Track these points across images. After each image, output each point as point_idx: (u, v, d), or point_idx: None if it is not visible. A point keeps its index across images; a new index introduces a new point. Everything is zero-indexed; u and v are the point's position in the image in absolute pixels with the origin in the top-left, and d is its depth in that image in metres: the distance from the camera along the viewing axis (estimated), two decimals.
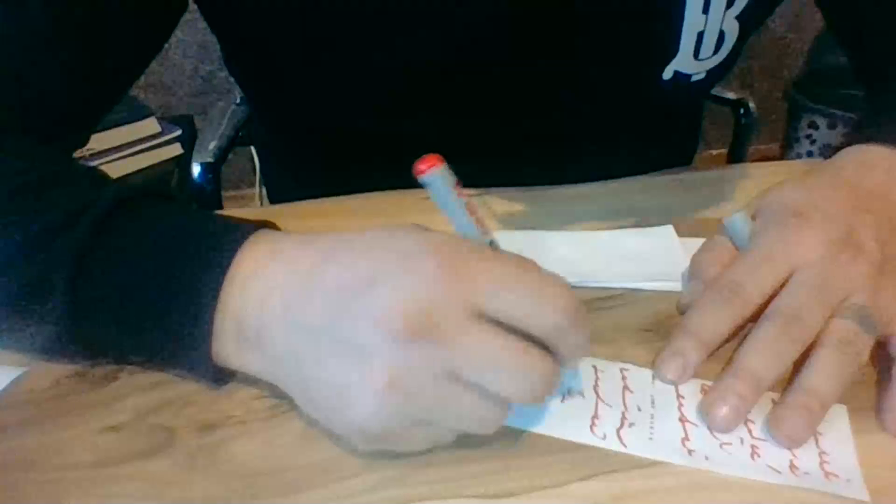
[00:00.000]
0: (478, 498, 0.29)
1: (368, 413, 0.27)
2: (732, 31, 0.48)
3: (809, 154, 1.85)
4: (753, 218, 0.40)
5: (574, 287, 0.42)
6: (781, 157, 2.00)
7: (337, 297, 0.28)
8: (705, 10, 0.46)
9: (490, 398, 0.28)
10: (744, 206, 0.42)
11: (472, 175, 0.53)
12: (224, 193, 0.89)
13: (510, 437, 0.32)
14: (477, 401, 0.28)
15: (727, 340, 0.36)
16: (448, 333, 0.27)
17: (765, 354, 0.33)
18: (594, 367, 0.36)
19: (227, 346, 0.31)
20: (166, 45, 0.50)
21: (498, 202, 0.52)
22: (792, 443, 0.31)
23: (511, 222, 0.49)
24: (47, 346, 0.34)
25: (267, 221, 0.35)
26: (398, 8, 0.45)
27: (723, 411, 0.32)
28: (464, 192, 0.30)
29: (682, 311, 0.39)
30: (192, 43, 1.65)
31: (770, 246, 0.37)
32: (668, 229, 0.47)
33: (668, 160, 0.58)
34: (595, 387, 0.34)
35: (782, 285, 0.36)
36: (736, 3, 0.46)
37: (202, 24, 0.51)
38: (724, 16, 0.47)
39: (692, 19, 0.47)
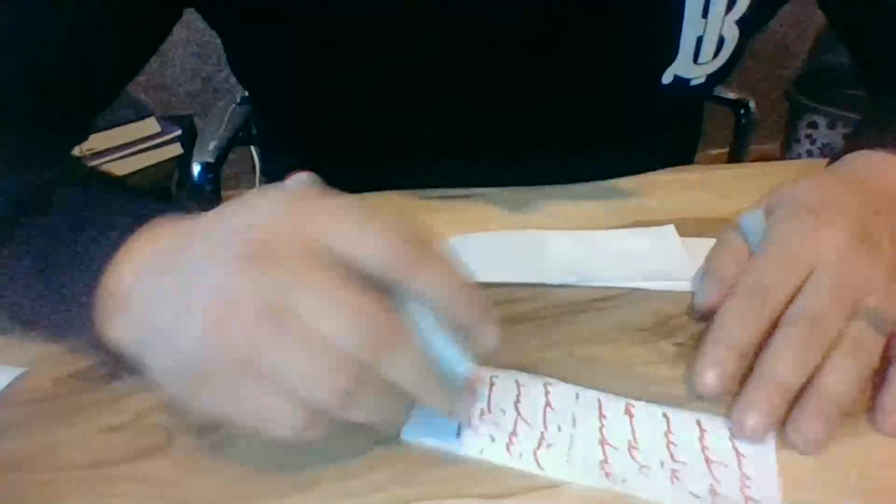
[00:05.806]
0: (478, 498, 0.29)
1: (190, 341, 0.26)
2: (732, 35, 0.48)
3: (809, 154, 1.85)
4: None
5: (574, 287, 0.42)
6: (781, 157, 1.99)
7: (187, 240, 0.29)
8: (704, 15, 0.46)
9: (323, 349, 0.25)
10: (752, 204, 0.42)
11: (473, 174, 0.54)
12: (224, 193, 0.89)
13: None
14: (306, 347, 0.25)
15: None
16: (282, 263, 0.26)
17: (792, 362, 0.33)
18: (517, 381, 0.35)
19: (103, 316, 0.31)
20: (166, 45, 0.50)
21: (498, 202, 0.52)
22: (812, 447, 0.31)
23: (511, 222, 0.49)
24: None
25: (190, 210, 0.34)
26: (398, 8, 0.45)
27: (753, 420, 0.31)
28: None
29: (698, 310, 0.39)
30: (192, 43, 1.64)
31: (790, 244, 0.37)
32: (669, 229, 0.47)
33: (668, 161, 0.58)
34: (516, 403, 0.34)
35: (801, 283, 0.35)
36: (736, 8, 0.46)
37: (202, 24, 0.50)
38: (723, 20, 0.47)
39: (691, 23, 0.46)
